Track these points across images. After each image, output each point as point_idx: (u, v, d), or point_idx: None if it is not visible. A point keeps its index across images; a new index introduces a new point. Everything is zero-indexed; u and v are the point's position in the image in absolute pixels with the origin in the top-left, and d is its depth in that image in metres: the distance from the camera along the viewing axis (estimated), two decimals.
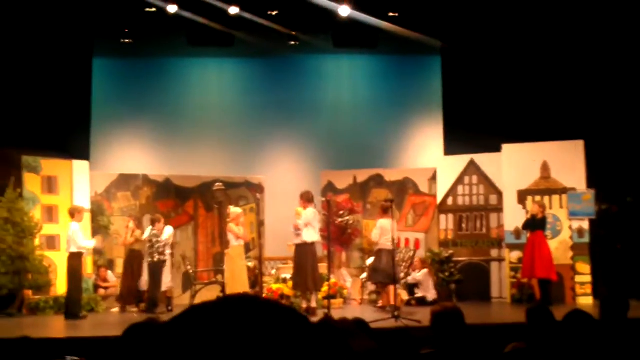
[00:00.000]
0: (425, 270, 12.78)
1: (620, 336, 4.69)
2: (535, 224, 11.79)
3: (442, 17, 14.33)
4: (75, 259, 11.09)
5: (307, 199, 11.07)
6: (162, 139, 15.53)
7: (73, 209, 11.57)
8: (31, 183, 12.44)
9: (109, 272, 13.19)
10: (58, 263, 12.28)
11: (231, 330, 0.90)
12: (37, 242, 12.11)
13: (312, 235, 10.87)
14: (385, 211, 11.95)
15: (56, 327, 10.26)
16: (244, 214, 12.29)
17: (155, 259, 11.69)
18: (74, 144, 13.66)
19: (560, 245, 12.28)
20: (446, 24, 14.43)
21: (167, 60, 15.69)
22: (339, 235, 13.16)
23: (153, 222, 12.04)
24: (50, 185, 12.66)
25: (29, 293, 11.84)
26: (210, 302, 0.97)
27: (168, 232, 12.19)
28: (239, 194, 14.19)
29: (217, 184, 13.09)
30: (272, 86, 15.77)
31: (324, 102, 16.01)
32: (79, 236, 11.13)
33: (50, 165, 12.72)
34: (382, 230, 11.37)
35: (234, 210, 11.63)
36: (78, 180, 12.92)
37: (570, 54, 13.49)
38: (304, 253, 10.82)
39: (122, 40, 14.61)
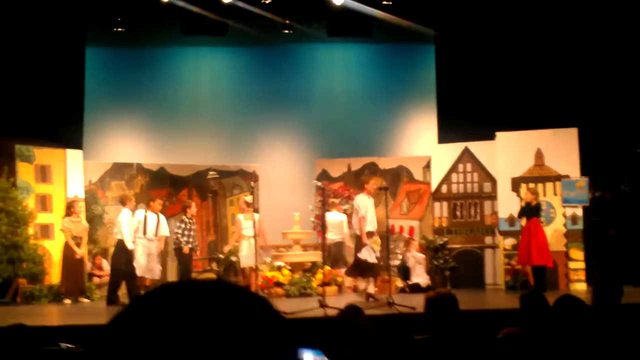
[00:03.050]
0: (419, 255, 12.85)
1: (614, 321, 4.72)
2: (530, 211, 11.83)
3: (436, 6, 14.31)
4: (117, 245, 11.29)
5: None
6: (156, 127, 15.48)
7: (123, 196, 11.77)
8: (24, 172, 12.40)
9: (104, 261, 13.19)
10: (52, 252, 12.28)
11: (181, 313, 0.87)
12: (31, 231, 12.09)
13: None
14: (333, 205, 12.28)
15: (50, 315, 10.26)
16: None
17: (185, 246, 11.64)
18: (67, 133, 13.63)
19: (554, 232, 12.32)
20: (440, 12, 14.41)
21: (161, 49, 15.62)
22: None
23: (185, 209, 11.95)
24: (43, 174, 12.62)
25: (23, 282, 11.82)
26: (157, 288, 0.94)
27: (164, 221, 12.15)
28: (233, 183, 14.18)
29: (211, 172, 13.09)
30: (266, 75, 15.73)
31: (318, 91, 15.98)
32: (123, 224, 11.26)
33: (43, 155, 12.68)
34: (329, 224, 11.90)
35: (248, 198, 11.82)
36: (72, 170, 12.89)
37: (564, 42, 13.49)
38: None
39: (115, 29, 14.55)
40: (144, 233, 11.71)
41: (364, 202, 10.77)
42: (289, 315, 4.63)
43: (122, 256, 11.29)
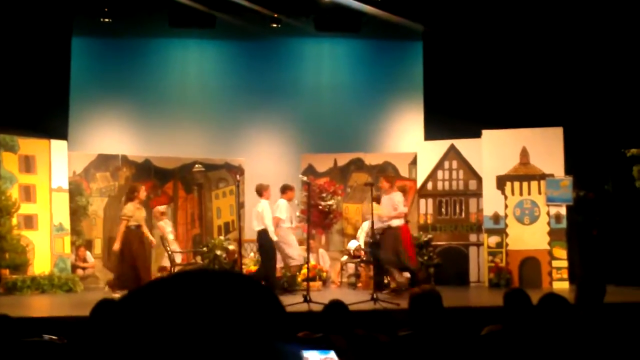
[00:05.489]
0: None
1: (596, 320, 4.75)
2: None
3: (425, 2, 14.33)
4: (261, 236, 10.98)
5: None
6: (142, 119, 15.41)
7: (260, 186, 11.42)
8: (8, 162, 12.32)
9: (88, 253, 13.16)
10: (36, 243, 12.21)
11: (186, 301, 0.89)
12: (14, 221, 12.01)
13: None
14: None
15: (34, 306, 10.21)
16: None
17: None
18: (52, 123, 13.53)
19: (537, 230, 12.39)
20: (429, 8, 14.44)
21: (148, 41, 15.55)
22: (321, 219, 13.19)
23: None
24: (27, 164, 12.55)
25: (6, 272, 11.75)
26: (166, 276, 0.96)
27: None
28: (219, 176, 14.16)
29: (196, 165, 13.06)
30: (253, 68, 15.69)
31: (305, 86, 15.97)
32: (267, 214, 10.92)
33: (27, 145, 12.60)
34: None
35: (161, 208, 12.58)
36: (56, 160, 12.83)
37: (551, 41, 13.54)
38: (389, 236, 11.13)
39: (101, 19, 14.46)
40: (291, 222, 11.49)
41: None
42: None
43: (271, 246, 11.03)
